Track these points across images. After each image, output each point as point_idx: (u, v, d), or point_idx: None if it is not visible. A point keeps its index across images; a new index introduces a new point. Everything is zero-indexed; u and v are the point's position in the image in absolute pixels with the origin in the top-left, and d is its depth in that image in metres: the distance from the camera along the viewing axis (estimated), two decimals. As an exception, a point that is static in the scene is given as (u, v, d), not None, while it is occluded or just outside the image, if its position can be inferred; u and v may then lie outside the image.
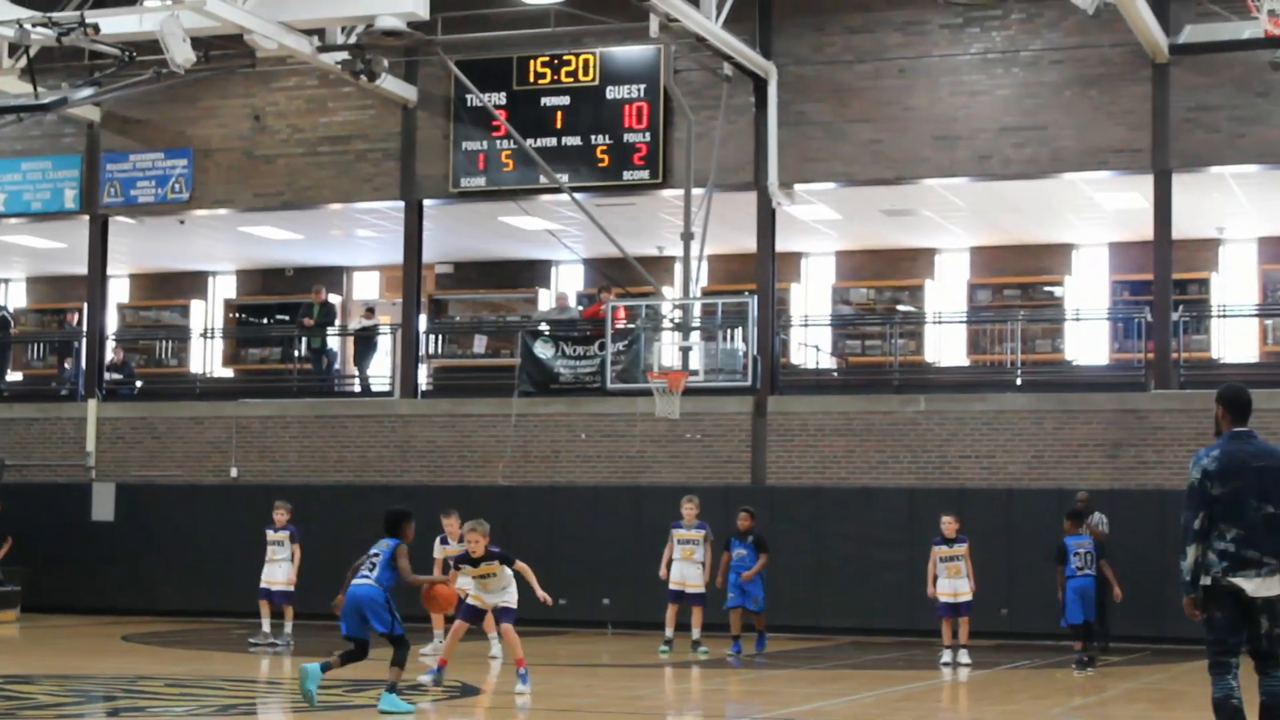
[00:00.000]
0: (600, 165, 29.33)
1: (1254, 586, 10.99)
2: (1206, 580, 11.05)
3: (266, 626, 24.08)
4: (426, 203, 30.79)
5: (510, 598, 17.56)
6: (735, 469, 28.29)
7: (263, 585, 24.20)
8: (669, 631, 23.12)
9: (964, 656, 21.62)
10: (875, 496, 27.11)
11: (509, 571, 17.53)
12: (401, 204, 30.81)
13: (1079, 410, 26.92)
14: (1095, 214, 30.42)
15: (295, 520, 24.53)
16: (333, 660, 15.77)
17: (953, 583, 21.86)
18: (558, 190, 28.76)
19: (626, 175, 29.25)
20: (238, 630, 27.14)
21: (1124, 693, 18.74)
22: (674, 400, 25.36)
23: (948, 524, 22.08)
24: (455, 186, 30.24)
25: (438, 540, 22.58)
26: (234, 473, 30.89)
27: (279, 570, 24.17)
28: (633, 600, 27.46)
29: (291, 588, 24.14)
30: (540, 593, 17.42)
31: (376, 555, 16.18)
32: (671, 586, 23.21)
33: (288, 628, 24.07)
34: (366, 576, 15.96)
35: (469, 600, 17.87)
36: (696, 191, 26.94)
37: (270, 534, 24.34)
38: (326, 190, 31.21)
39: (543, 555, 26.36)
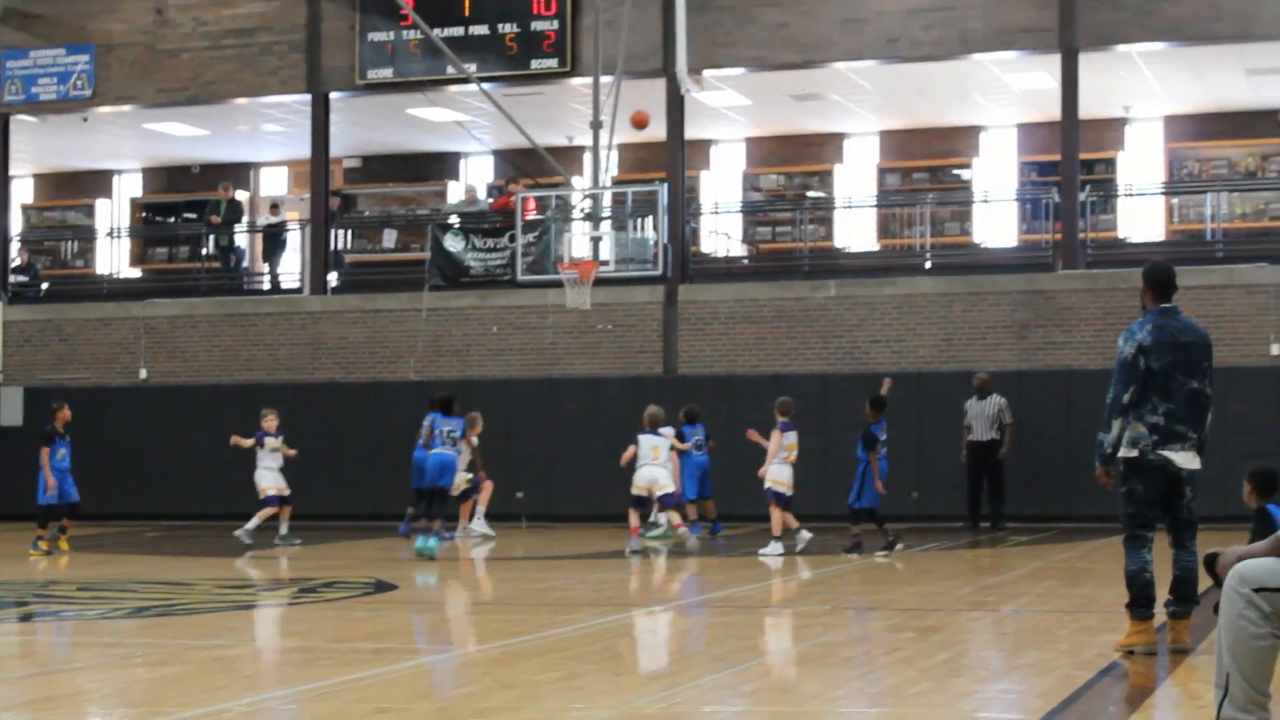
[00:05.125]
0: (508, 54, 29.10)
1: (1182, 460, 11.21)
2: (1132, 452, 11.18)
3: (284, 529, 24.07)
4: (333, 95, 30.48)
5: None
6: (647, 359, 28.30)
7: (273, 493, 23.94)
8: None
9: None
10: (787, 383, 27.15)
11: None
12: (308, 97, 30.49)
13: (987, 292, 27.04)
14: (1003, 95, 30.43)
15: (208, 419, 24.34)
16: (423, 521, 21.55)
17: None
18: (465, 81, 28.51)
19: (535, 64, 29.04)
20: (150, 533, 27.06)
21: (1032, 570, 18.93)
22: (585, 291, 25.30)
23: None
24: (362, 78, 29.94)
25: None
26: (143, 374, 30.67)
27: (277, 476, 24.02)
28: (546, 494, 27.51)
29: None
30: None
31: (454, 431, 22.25)
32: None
33: (284, 528, 24.00)
34: (445, 446, 22.06)
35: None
36: (605, 79, 26.77)
37: (269, 441, 24.05)
38: (232, 84, 30.83)
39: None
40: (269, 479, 24.11)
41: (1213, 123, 31.55)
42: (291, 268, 32.84)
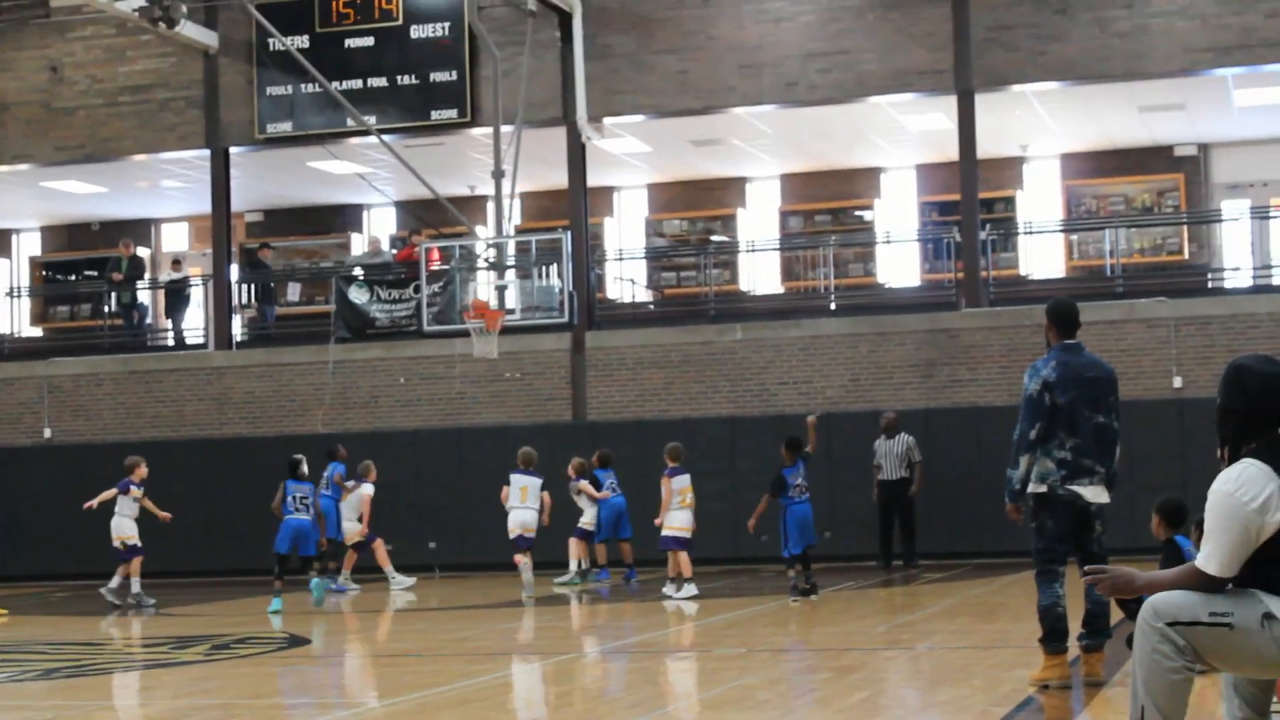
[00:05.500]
0: (408, 106, 29.09)
1: (1090, 494, 11.32)
2: (1041, 488, 11.28)
3: (137, 586, 23.47)
4: (233, 150, 30.38)
5: None
6: (556, 406, 28.30)
7: (134, 543, 23.55)
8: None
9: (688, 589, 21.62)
10: (696, 427, 27.23)
11: None
12: (207, 152, 30.37)
13: (893, 332, 27.22)
14: (901, 137, 30.70)
15: (114, 478, 24.05)
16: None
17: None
18: (366, 133, 28.49)
19: (435, 115, 29.05)
20: (58, 594, 26.78)
21: (946, 607, 19.05)
22: (492, 340, 25.29)
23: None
24: (261, 132, 29.86)
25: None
26: (47, 433, 30.37)
27: (134, 526, 23.66)
28: (458, 543, 27.42)
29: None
30: None
31: (306, 497, 22.05)
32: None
33: (136, 585, 23.56)
34: (299, 512, 22.07)
35: None
36: (506, 129, 26.81)
37: (134, 490, 23.69)
38: (130, 141, 30.66)
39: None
40: (128, 528, 23.71)
41: (1108, 160, 31.96)
42: (195, 323, 32.64)
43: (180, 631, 19.65)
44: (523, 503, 22.64)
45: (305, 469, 23.00)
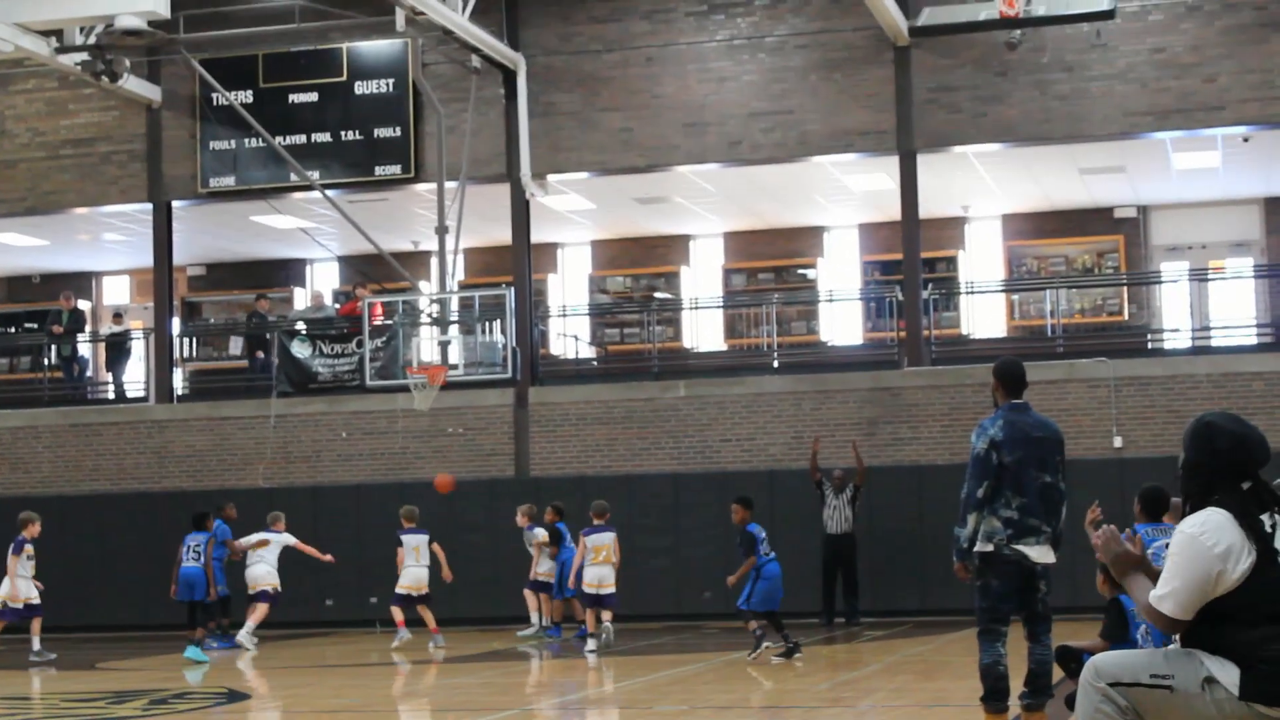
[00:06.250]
0: (351, 161, 29.10)
1: (1036, 554, 11.34)
2: (988, 547, 11.29)
3: (37, 644, 23.42)
4: (175, 204, 30.31)
5: None
6: (499, 461, 28.26)
7: (34, 603, 23.52)
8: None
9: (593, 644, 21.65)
10: (638, 483, 27.24)
11: None
12: (149, 206, 30.28)
13: (835, 390, 27.31)
14: (844, 196, 30.88)
15: (52, 531, 23.89)
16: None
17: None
18: (309, 188, 28.46)
19: (378, 170, 29.06)
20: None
21: (887, 665, 19.08)
22: (430, 393, 25.29)
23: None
24: (204, 187, 29.80)
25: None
26: (-15, 486, 30.15)
27: (30, 585, 23.54)
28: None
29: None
30: None
31: (199, 545, 22.66)
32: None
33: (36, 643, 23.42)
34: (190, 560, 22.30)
35: None
36: (450, 185, 26.85)
37: (28, 548, 23.55)
38: (71, 194, 30.55)
39: (308, 556, 26.14)
40: (26, 587, 23.58)
41: (1049, 221, 32.23)
42: (136, 376, 32.50)
43: (119, 686, 19.50)
44: (417, 561, 23.52)
45: (211, 521, 24.01)
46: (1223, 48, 26.29)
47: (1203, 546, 6.70)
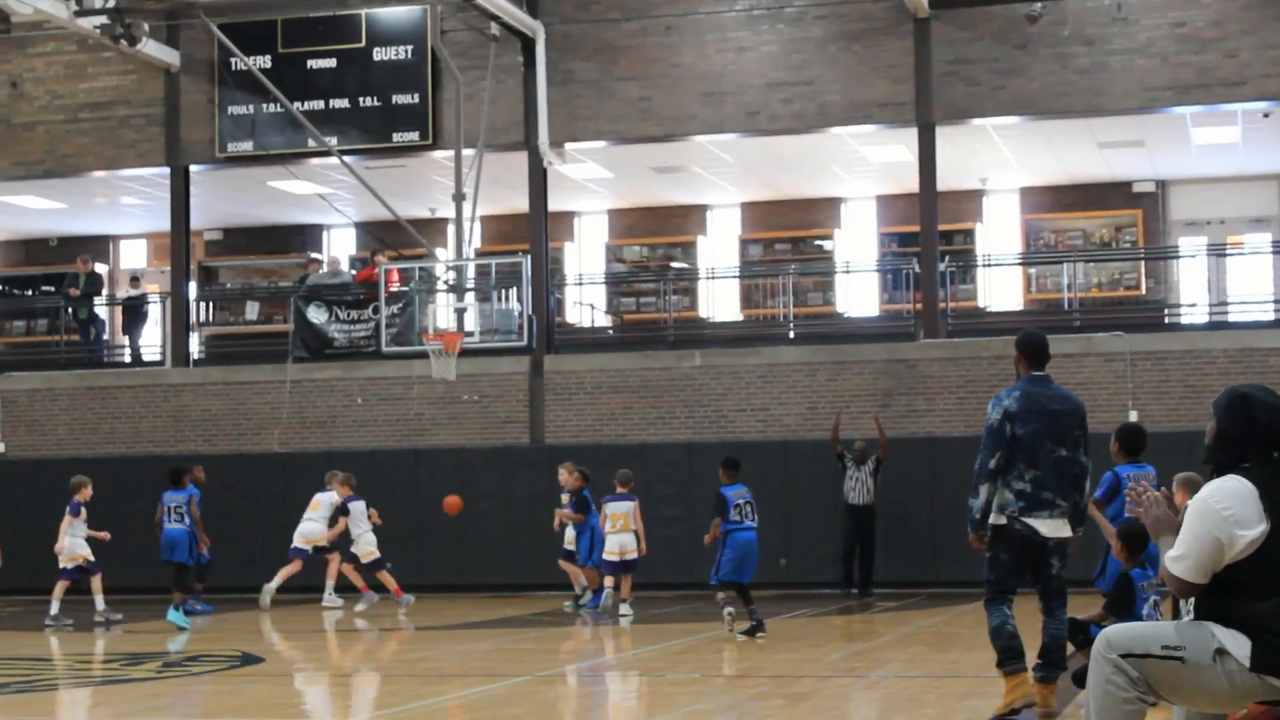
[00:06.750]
0: (369, 128, 29.09)
1: (1048, 528, 11.24)
2: (1000, 519, 11.24)
3: (101, 602, 23.71)
4: (193, 168, 30.31)
5: None
6: (514, 429, 28.29)
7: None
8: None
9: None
10: (653, 452, 27.26)
11: None
12: (167, 170, 30.30)
13: (851, 361, 27.30)
14: (862, 167, 30.83)
15: (66, 493, 23.93)
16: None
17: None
18: (327, 153, 28.46)
19: (396, 137, 29.05)
20: (10, 608, 26.64)
21: (900, 637, 19.09)
22: (450, 362, 25.29)
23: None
24: (222, 151, 29.81)
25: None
26: (1, 448, 30.22)
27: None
28: (414, 563, 27.35)
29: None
30: None
31: (180, 506, 22.23)
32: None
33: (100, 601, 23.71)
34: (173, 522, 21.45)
35: None
36: (467, 152, 26.83)
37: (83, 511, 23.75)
38: (89, 157, 30.58)
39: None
40: (82, 547, 23.75)
41: (1067, 195, 32.18)
42: (152, 340, 32.56)
43: (133, 648, 19.58)
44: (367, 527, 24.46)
45: (187, 479, 23.82)
46: (1244, 23, 26.20)
47: (1212, 510, 6.75)
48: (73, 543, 23.49)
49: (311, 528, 24.90)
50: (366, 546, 24.60)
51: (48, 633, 22.07)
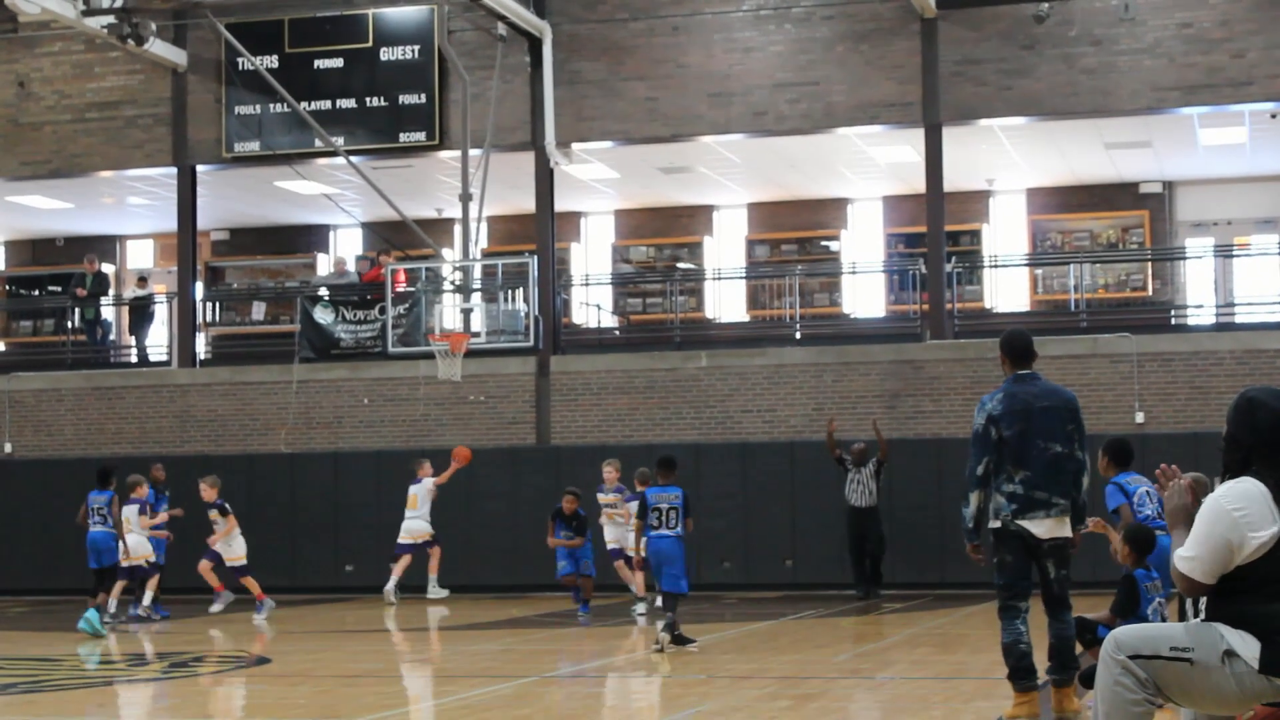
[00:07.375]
0: (376, 128, 29.09)
1: (1043, 529, 11.09)
2: (996, 523, 11.16)
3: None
4: (200, 168, 30.32)
5: None
6: (520, 429, 28.28)
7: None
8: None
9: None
10: (659, 453, 27.08)
11: None
12: (174, 170, 30.31)
13: (857, 362, 27.28)
14: (869, 168, 30.81)
15: (75, 493, 23.94)
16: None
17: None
18: (333, 154, 28.47)
19: (403, 137, 29.05)
20: (16, 609, 26.65)
21: (907, 638, 19.08)
22: (456, 362, 25.29)
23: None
24: (229, 151, 29.81)
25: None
26: (8, 448, 30.24)
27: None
28: (420, 563, 27.33)
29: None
30: None
31: (103, 507, 21.66)
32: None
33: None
34: (97, 524, 21.44)
35: None
36: (474, 153, 26.83)
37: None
38: (96, 157, 30.59)
39: (328, 522, 26.22)
40: (147, 547, 23.95)
41: (1074, 195, 32.15)
42: (159, 340, 32.57)
43: (139, 649, 19.58)
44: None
45: (114, 481, 23.03)
46: (1252, 23, 26.17)
47: (1224, 510, 6.74)
48: (137, 541, 23.56)
49: (416, 525, 25.31)
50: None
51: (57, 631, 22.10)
